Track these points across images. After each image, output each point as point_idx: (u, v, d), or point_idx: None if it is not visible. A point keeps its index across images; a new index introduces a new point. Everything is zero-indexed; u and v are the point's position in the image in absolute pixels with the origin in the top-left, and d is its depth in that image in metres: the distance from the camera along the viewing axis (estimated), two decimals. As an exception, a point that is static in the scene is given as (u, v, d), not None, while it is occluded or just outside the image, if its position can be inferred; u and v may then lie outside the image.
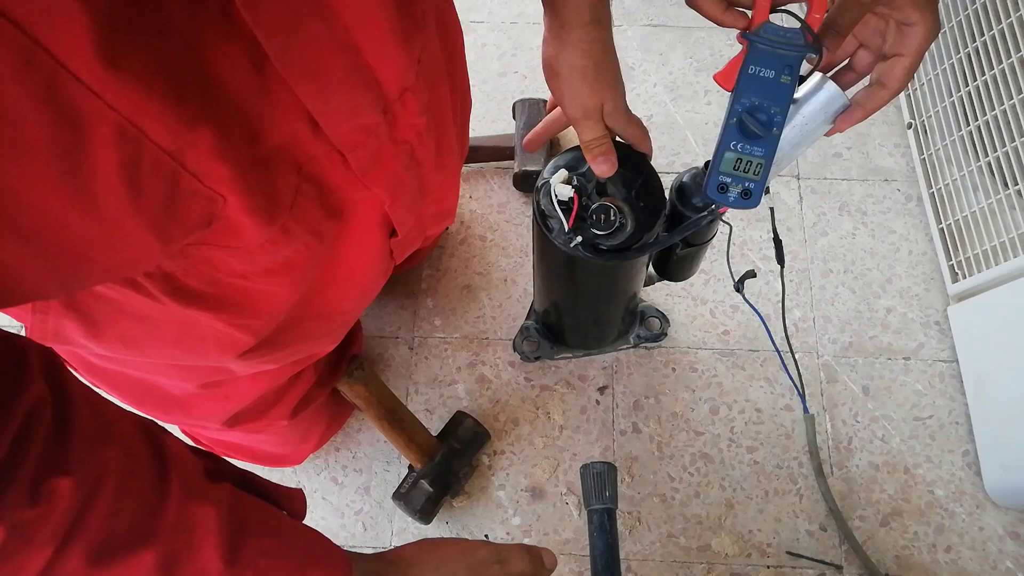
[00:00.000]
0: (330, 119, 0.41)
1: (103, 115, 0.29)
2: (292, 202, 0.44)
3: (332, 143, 0.43)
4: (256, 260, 0.47)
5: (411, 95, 0.48)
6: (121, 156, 0.31)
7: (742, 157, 0.49)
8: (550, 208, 0.60)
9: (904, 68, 0.47)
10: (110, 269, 0.38)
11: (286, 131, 0.40)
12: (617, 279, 0.71)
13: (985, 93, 0.91)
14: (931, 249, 1.05)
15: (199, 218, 0.38)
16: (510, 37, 1.24)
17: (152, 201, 0.34)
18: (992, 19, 0.89)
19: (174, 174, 0.34)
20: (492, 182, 1.14)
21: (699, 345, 1.02)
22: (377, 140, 0.47)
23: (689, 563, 0.91)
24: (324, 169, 0.46)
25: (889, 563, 0.90)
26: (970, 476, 0.93)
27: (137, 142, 0.31)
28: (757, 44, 0.47)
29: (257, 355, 0.58)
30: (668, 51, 1.23)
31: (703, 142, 1.15)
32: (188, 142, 0.33)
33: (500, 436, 0.98)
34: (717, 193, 0.51)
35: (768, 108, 0.48)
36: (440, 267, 1.09)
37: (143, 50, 0.29)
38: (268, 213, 0.42)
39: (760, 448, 0.96)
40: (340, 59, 0.39)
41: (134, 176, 0.32)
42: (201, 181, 0.35)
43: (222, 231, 0.41)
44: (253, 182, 0.39)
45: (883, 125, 1.15)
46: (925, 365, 0.99)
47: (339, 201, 0.49)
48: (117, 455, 0.37)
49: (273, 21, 0.33)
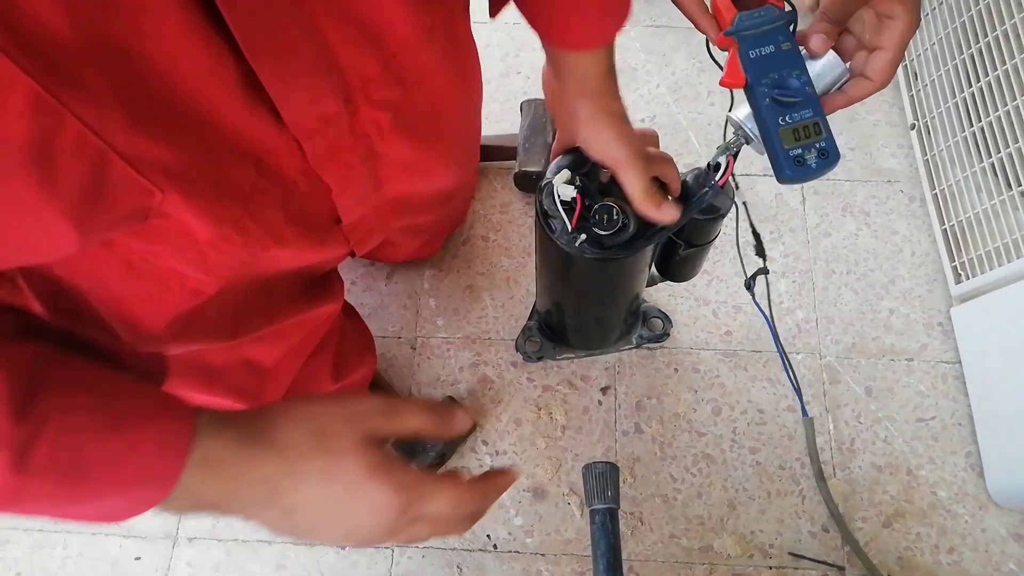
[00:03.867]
0: (289, 104, 0.39)
1: (14, 79, 0.25)
2: (248, 198, 0.41)
3: (291, 132, 0.41)
4: (208, 260, 0.43)
5: (375, 87, 0.46)
6: (34, 129, 0.27)
7: (797, 126, 0.49)
8: (553, 208, 0.60)
9: (887, 61, 0.47)
10: (21, 254, 0.34)
11: (243, 118, 0.37)
12: (619, 279, 0.71)
13: (989, 94, 0.91)
14: (934, 250, 1.05)
15: (130, 211, 0.34)
16: (513, 38, 1.24)
17: (70, 185, 0.30)
18: (996, 20, 0.89)
19: (102, 158, 0.30)
20: (495, 182, 1.14)
21: (701, 346, 1.02)
22: (336, 131, 0.45)
23: (691, 564, 0.91)
24: (282, 162, 0.43)
25: (891, 564, 0.90)
26: (973, 478, 0.93)
27: (56, 116, 0.27)
28: (742, 34, 0.48)
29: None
30: (671, 52, 1.23)
31: (705, 143, 1.15)
32: (123, 124, 0.30)
33: (502, 436, 0.99)
34: (797, 168, 0.49)
35: (790, 74, 0.48)
36: (443, 267, 1.09)
37: (76, 9, 0.26)
38: (217, 207, 0.38)
39: (762, 449, 0.96)
40: (305, 43, 0.37)
41: (49, 154, 0.28)
42: (136, 169, 0.32)
43: (165, 230, 0.38)
44: (199, 173, 0.35)
45: (886, 126, 1.15)
46: (928, 366, 0.99)
47: (297, 202, 0.47)
48: None
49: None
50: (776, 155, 0.50)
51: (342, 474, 0.38)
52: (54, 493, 0.34)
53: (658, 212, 0.54)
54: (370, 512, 0.38)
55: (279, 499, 0.37)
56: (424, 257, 1.06)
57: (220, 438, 0.37)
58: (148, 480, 0.35)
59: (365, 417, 0.39)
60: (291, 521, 0.38)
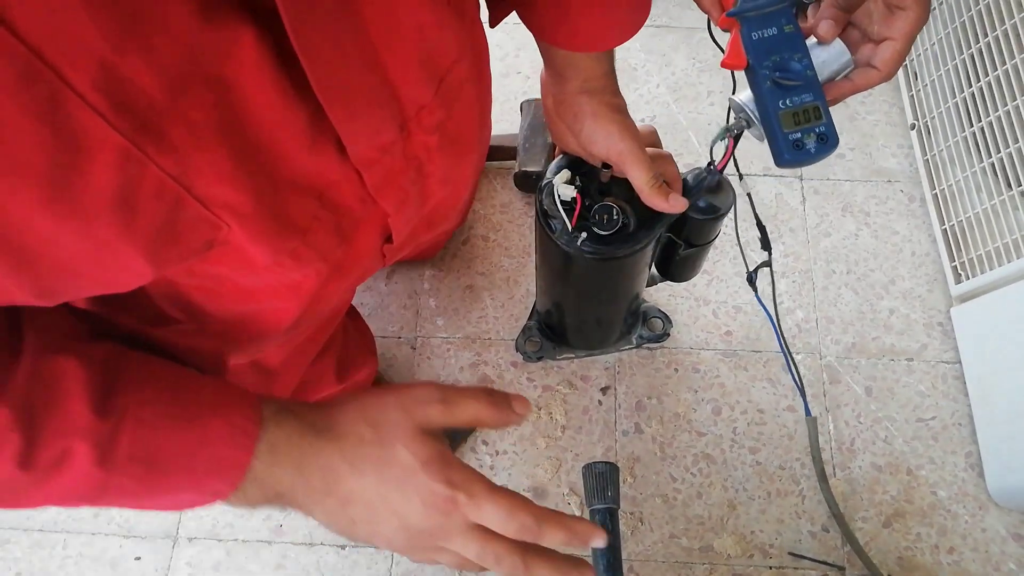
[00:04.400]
0: (354, 139, 0.40)
1: (106, 137, 0.27)
2: (307, 228, 0.43)
3: (352, 164, 0.42)
4: (262, 279, 0.46)
5: (427, 113, 0.48)
6: (121, 179, 0.29)
7: (797, 110, 0.48)
8: (553, 208, 0.60)
9: (895, 51, 0.47)
10: (94, 285, 0.35)
11: (310, 157, 0.38)
12: (619, 279, 0.71)
13: (989, 94, 0.91)
14: (934, 250, 1.05)
15: (200, 244, 0.36)
16: (513, 38, 1.24)
17: (149, 225, 0.32)
18: (996, 20, 0.89)
19: (177, 199, 0.32)
20: (495, 182, 1.14)
21: (702, 346, 1.02)
22: (391, 157, 0.46)
23: (691, 564, 0.91)
24: (342, 193, 0.44)
25: (891, 564, 0.90)
26: (973, 478, 0.93)
27: (140, 165, 0.29)
28: (745, 16, 0.47)
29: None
30: (671, 52, 1.23)
31: (705, 143, 1.15)
32: (198, 168, 0.31)
33: (502, 436, 0.98)
34: (795, 152, 0.49)
35: (791, 57, 0.48)
36: (443, 267, 1.09)
37: (167, 71, 0.27)
38: (277, 240, 0.40)
39: (762, 449, 0.96)
40: (368, 78, 0.38)
41: (132, 199, 0.30)
42: (207, 207, 0.33)
43: (225, 254, 0.39)
44: (265, 210, 0.37)
45: (886, 126, 1.15)
46: (928, 366, 0.99)
47: (350, 224, 0.48)
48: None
49: (318, 43, 0.32)
50: (775, 138, 0.49)
51: (397, 463, 0.38)
52: (133, 487, 0.36)
53: (667, 203, 0.55)
54: (422, 505, 0.38)
55: (338, 488, 0.38)
56: (427, 258, 1.07)
57: (284, 427, 0.38)
58: (220, 470, 0.37)
59: (421, 406, 0.40)
60: (348, 515, 0.39)
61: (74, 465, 0.34)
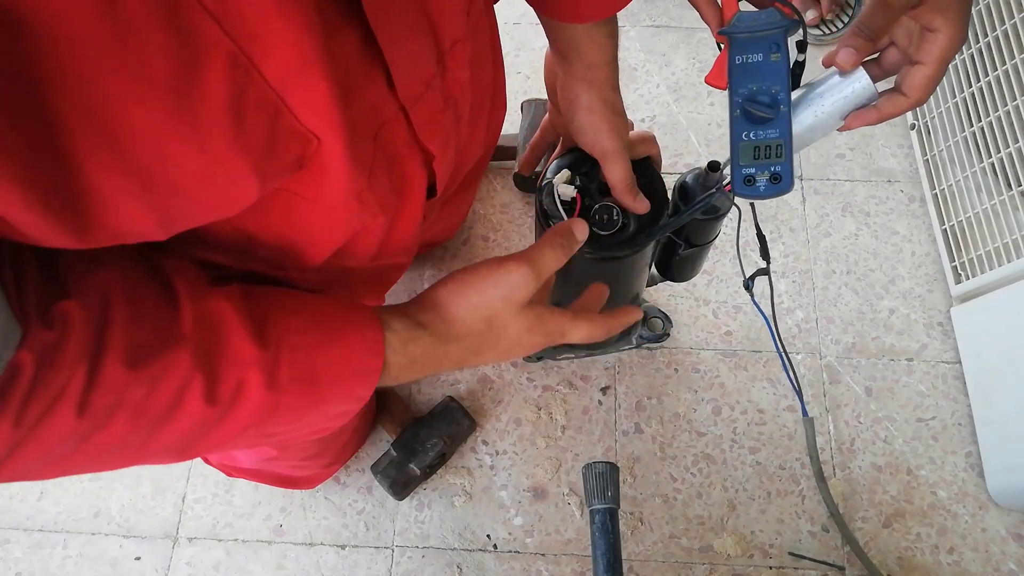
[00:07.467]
0: (401, 68, 0.41)
1: (219, 43, 0.28)
2: (371, 170, 0.44)
3: (399, 100, 0.43)
4: (332, 222, 0.48)
5: (460, 46, 0.48)
6: (231, 88, 0.30)
7: (759, 144, 0.48)
8: (553, 208, 0.60)
9: (925, 77, 0.45)
10: (210, 208, 0.37)
11: (364, 86, 0.40)
12: (619, 279, 0.71)
13: (989, 94, 0.91)
14: (934, 250, 1.05)
15: (293, 158, 0.38)
16: (513, 38, 1.24)
17: (254, 137, 0.33)
18: (996, 19, 0.89)
19: (276, 111, 0.33)
20: (495, 182, 1.14)
21: (701, 346, 1.02)
22: (433, 95, 0.47)
23: (691, 564, 0.91)
24: (393, 133, 0.46)
25: (891, 564, 0.90)
26: (973, 478, 0.93)
27: (247, 74, 0.30)
28: (736, 36, 0.47)
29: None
30: (671, 52, 1.23)
31: (706, 143, 1.15)
32: (294, 81, 0.32)
33: (502, 436, 0.99)
34: (745, 187, 0.48)
35: (768, 89, 0.47)
36: (443, 267, 1.09)
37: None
38: (351, 173, 0.42)
39: (762, 449, 0.96)
40: (410, 7, 0.40)
41: (240, 110, 0.31)
42: (299, 120, 0.35)
43: (309, 177, 0.41)
44: (342, 131, 0.38)
45: (886, 126, 1.14)
46: (928, 366, 0.99)
47: (399, 173, 0.50)
48: (113, 274, 0.37)
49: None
50: (732, 169, 0.49)
51: (509, 337, 0.48)
52: (297, 404, 0.41)
53: (634, 202, 0.59)
54: (531, 348, 0.50)
55: (465, 364, 0.49)
56: (441, 241, 1.06)
57: (402, 332, 0.45)
58: (362, 376, 0.44)
59: (519, 291, 0.47)
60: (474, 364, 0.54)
61: (250, 393, 0.38)
